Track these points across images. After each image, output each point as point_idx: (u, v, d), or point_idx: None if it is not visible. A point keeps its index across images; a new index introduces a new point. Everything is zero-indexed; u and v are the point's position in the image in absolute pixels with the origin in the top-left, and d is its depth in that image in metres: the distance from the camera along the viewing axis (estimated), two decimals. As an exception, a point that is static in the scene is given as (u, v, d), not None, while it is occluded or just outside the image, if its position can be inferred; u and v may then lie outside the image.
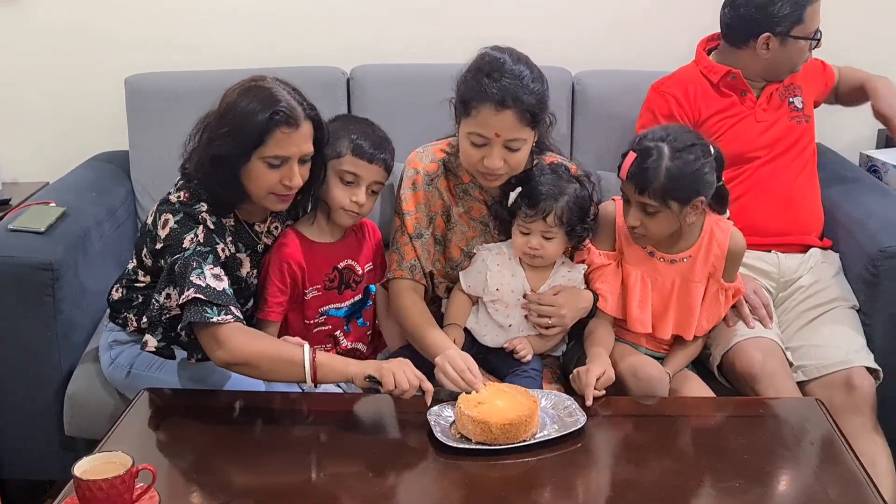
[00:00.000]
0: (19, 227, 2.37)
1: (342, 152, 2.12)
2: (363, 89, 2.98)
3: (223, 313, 1.91)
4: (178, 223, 1.98)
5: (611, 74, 3.03)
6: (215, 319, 1.90)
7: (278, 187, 2.00)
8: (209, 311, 1.90)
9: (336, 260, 2.22)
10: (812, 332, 2.42)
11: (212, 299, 1.91)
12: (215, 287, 1.92)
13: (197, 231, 1.97)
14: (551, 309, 2.17)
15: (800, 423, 1.97)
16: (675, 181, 2.07)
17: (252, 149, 1.96)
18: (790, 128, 2.65)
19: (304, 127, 1.99)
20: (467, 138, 2.10)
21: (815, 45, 2.60)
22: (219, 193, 2.02)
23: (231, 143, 1.96)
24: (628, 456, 1.84)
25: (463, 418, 1.81)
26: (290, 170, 1.99)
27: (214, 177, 1.99)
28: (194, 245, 1.95)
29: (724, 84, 2.65)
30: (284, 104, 1.96)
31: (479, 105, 2.05)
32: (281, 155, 1.97)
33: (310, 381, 1.92)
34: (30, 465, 2.44)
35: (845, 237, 2.62)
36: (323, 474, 1.79)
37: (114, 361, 2.20)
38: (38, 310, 2.30)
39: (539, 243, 2.14)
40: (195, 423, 1.91)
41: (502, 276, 2.19)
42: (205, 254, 1.95)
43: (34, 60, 3.11)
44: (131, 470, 1.57)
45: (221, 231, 2.04)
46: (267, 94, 1.97)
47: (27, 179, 3.17)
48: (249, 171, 1.99)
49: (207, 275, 1.93)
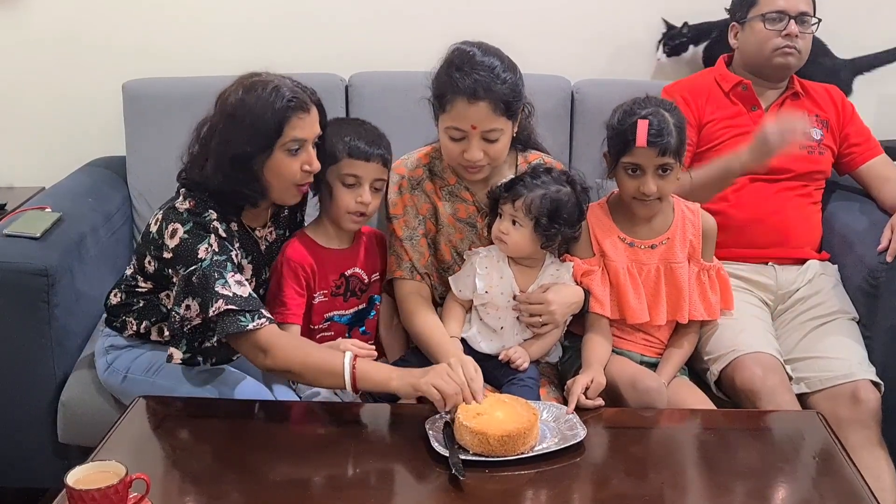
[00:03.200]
0: (15, 232, 2.36)
1: (339, 156, 2.13)
2: (361, 96, 2.98)
3: (256, 318, 1.93)
4: (188, 233, 1.97)
5: (610, 83, 3.03)
6: (251, 326, 1.92)
7: (300, 175, 2.03)
8: (243, 319, 1.92)
9: (344, 267, 2.23)
10: (813, 343, 2.40)
11: (242, 307, 1.92)
12: (241, 294, 1.94)
13: (210, 241, 1.96)
14: (541, 307, 2.17)
15: (800, 436, 1.96)
16: (682, 134, 2.18)
17: (274, 140, 1.98)
18: (799, 157, 2.62)
19: (313, 110, 2.03)
20: (446, 133, 2.14)
21: (777, 27, 2.57)
22: (238, 192, 2.02)
23: (251, 139, 1.97)
24: (627, 469, 1.83)
25: (461, 429, 1.79)
26: (309, 154, 2.03)
27: (236, 178, 1.99)
28: (210, 255, 1.95)
29: (734, 94, 2.65)
30: (292, 91, 1.99)
31: (452, 99, 2.09)
32: (299, 138, 1.99)
33: (350, 390, 1.93)
34: (23, 473, 2.42)
35: (844, 249, 2.61)
36: (320, 484, 1.77)
37: (110, 366, 2.19)
38: (33, 316, 2.28)
39: (506, 228, 2.16)
40: (190, 431, 1.90)
41: (490, 277, 2.20)
42: (223, 262, 1.96)
43: (31, 65, 3.10)
44: (125, 479, 1.55)
45: (231, 238, 2.03)
46: (273, 86, 1.99)
47: (23, 184, 3.16)
48: (273, 164, 2.00)
49: (231, 283, 1.94)
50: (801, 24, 2.58)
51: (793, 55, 2.59)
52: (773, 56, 2.60)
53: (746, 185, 2.60)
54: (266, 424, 1.97)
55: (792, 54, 2.59)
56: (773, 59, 2.60)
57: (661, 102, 2.23)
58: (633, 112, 2.18)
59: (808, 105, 2.69)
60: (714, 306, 2.31)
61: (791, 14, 2.57)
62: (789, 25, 2.56)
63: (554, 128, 2.94)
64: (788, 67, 2.62)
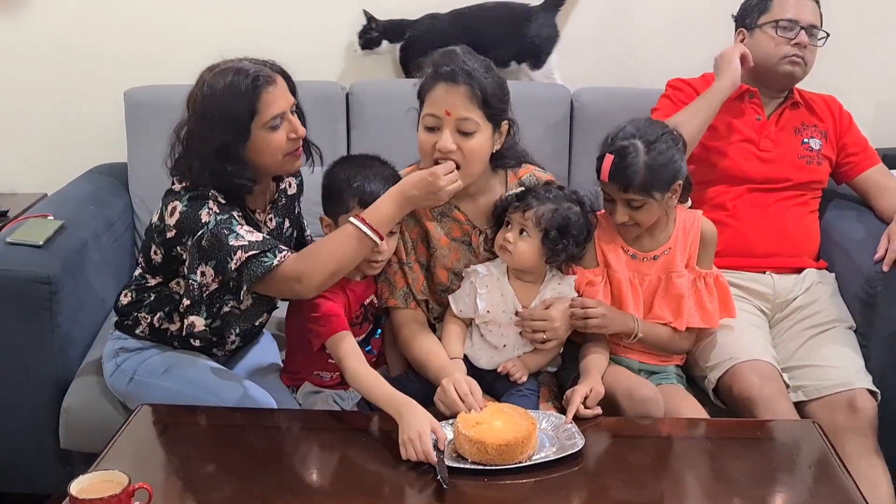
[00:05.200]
0: (17, 240, 2.37)
1: (350, 206, 2.07)
2: (361, 104, 2.99)
3: (277, 252, 1.95)
4: (186, 205, 1.99)
5: (609, 92, 3.04)
6: (276, 262, 1.94)
7: (287, 144, 2.03)
8: (266, 258, 1.94)
9: (365, 297, 2.20)
10: (811, 351, 2.41)
11: (261, 248, 1.94)
12: (255, 239, 1.96)
13: (209, 205, 1.99)
14: (544, 323, 2.17)
15: (796, 445, 1.97)
16: (654, 173, 2.14)
17: (249, 121, 1.98)
18: (797, 166, 2.64)
19: (279, 81, 2.03)
20: (422, 125, 2.11)
21: (788, 34, 2.58)
22: (235, 185, 2.02)
23: (227, 126, 1.97)
24: (625, 478, 1.84)
25: (460, 438, 1.80)
26: (291, 123, 2.03)
27: (225, 169, 1.99)
28: (213, 217, 1.97)
29: (740, 100, 2.66)
30: (254, 69, 2.00)
31: (432, 85, 2.08)
32: (276, 113, 2.00)
33: (377, 239, 1.97)
34: (26, 479, 2.43)
35: (842, 257, 2.62)
36: (320, 492, 1.79)
37: (118, 368, 2.19)
38: (36, 323, 2.29)
39: (513, 237, 2.14)
40: (193, 440, 1.91)
41: (492, 296, 2.19)
42: (227, 220, 1.97)
43: (34, 73, 3.12)
44: (128, 489, 1.56)
45: (231, 211, 2.03)
46: (233, 71, 2.00)
47: (25, 191, 3.17)
48: (256, 144, 2.01)
49: (242, 233, 1.96)
50: (809, 35, 2.59)
51: (799, 65, 2.60)
52: (781, 63, 2.60)
53: (744, 194, 2.61)
54: (267, 433, 1.98)
55: (799, 64, 2.59)
56: (781, 67, 2.61)
57: (647, 132, 2.18)
58: (611, 141, 2.19)
59: (807, 115, 2.70)
60: (712, 314, 2.31)
61: (802, 24, 2.58)
62: (800, 35, 2.57)
63: (553, 136, 2.96)
64: (793, 77, 2.63)
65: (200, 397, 2.08)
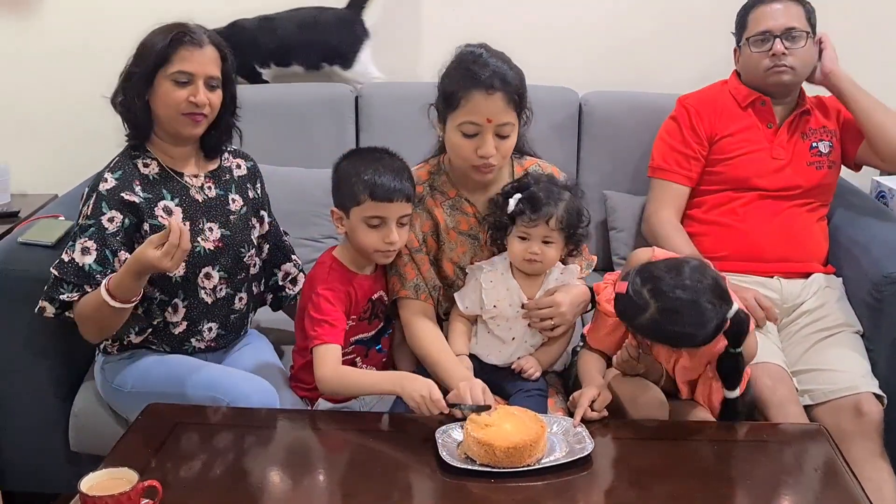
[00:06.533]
0: (30, 240, 2.38)
1: (360, 199, 2.08)
2: (371, 107, 3.01)
3: (73, 291, 2.06)
4: (85, 195, 2.13)
5: (617, 95, 3.05)
6: (64, 297, 2.06)
7: (185, 105, 2.09)
8: (62, 287, 2.07)
9: (372, 292, 2.21)
10: (818, 356, 2.42)
11: (65, 275, 2.06)
12: (77, 262, 2.06)
13: (89, 203, 2.10)
14: (551, 310, 2.18)
15: (804, 449, 1.97)
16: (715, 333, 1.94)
17: (157, 68, 2.09)
18: (807, 172, 2.65)
19: (207, 49, 2.12)
20: (458, 130, 2.12)
21: (763, 48, 2.59)
22: (130, 117, 2.15)
23: (140, 64, 2.10)
24: (632, 481, 1.84)
25: (469, 440, 1.80)
26: (196, 87, 2.10)
27: (125, 99, 2.13)
28: (83, 219, 2.09)
29: (752, 109, 2.68)
30: (190, 28, 2.11)
31: (467, 93, 2.08)
32: (185, 71, 2.09)
33: (113, 302, 2.00)
34: (35, 479, 2.45)
35: (849, 262, 2.62)
36: (329, 491, 1.79)
37: (109, 383, 2.22)
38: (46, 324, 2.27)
39: (539, 248, 2.15)
40: (200, 439, 1.91)
41: (497, 291, 2.20)
42: (86, 227, 2.08)
43: (45, 74, 3.14)
44: (137, 486, 1.57)
45: (127, 183, 2.12)
46: (174, 24, 2.11)
47: (36, 191, 3.19)
48: (157, 92, 2.10)
49: (77, 249, 2.07)
50: (789, 40, 2.58)
51: (785, 73, 2.60)
52: (767, 76, 2.62)
53: (754, 200, 2.62)
54: (275, 432, 1.99)
55: (784, 72, 2.60)
56: (767, 79, 2.62)
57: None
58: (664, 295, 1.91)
59: (815, 118, 2.70)
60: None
61: (776, 33, 2.58)
62: (774, 45, 2.58)
63: (562, 139, 2.97)
64: (784, 84, 2.63)
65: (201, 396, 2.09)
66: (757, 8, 2.64)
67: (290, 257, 2.44)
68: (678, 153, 2.69)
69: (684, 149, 2.68)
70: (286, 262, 2.44)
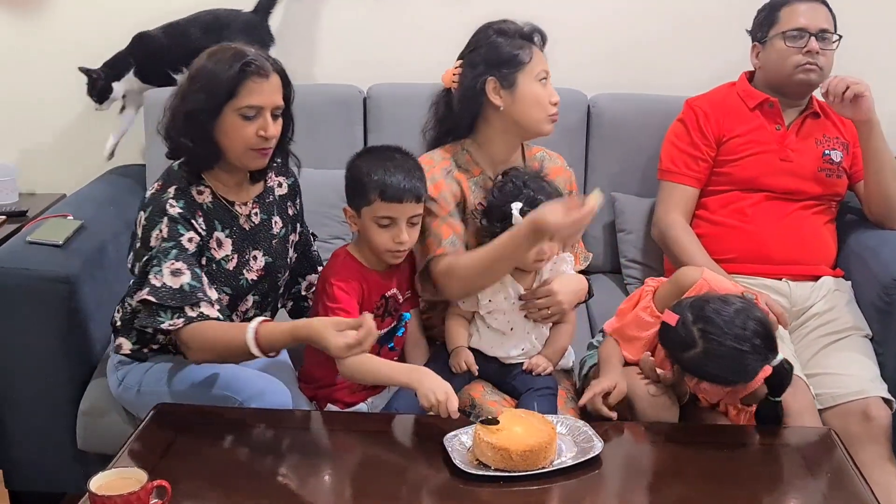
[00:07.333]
0: (38, 239, 2.39)
1: (371, 198, 2.08)
2: (379, 107, 3.01)
3: (176, 317, 1.95)
4: (147, 220, 2.02)
5: (626, 97, 3.05)
6: (165, 326, 1.95)
7: (255, 140, 2.02)
8: (161, 315, 1.96)
9: (385, 289, 2.20)
10: (826, 360, 2.41)
11: (164, 300, 1.95)
12: (171, 285, 1.96)
13: (161, 226, 2.00)
14: (548, 299, 2.19)
15: (814, 453, 1.96)
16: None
17: (225, 101, 1.98)
18: (818, 179, 2.64)
19: (273, 78, 2.03)
20: (537, 79, 2.28)
21: (797, 44, 2.59)
22: (193, 152, 2.04)
23: (203, 98, 1.98)
24: (644, 483, 1.84)
25: (482, 445, 1.78)
26: (265, 120, 2.02)
27: (187, 132, 2.02)
28: (158, 242, 1.99)
29: (760, 111, 2.67)
30: (253, 56, 2.00)
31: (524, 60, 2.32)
32: (255, 105, 2.00)
33: (260, 354, 1.93)
34: (43, 478, 2.45)
35: (858, 265, 2.62)
36: (337, 494, 1.79)
37: (122, 382, 2.20)
38: (55, 322, 2.31)
39: (549, 247, 2.15)
40: (209, 439, 1.91)
41: (492, 287, 2.20)
42: (167, 250, 1.98)
43: (53, 74, 3.14)
44: (146, 486, 1.57)
45: (191, 212, 2.03)
46: (235, 51, 2.01)
47: (44, 191, 3.20)
48: (224, 125, 2.01)
49: (165, 273, 1.96)
50: (821, 41, 2.59)
51: (814, 72, 2.59)
52: (795, 73, 2.60)
53: (762, 201, 2.62)
54: (285, 433, 1.98)
55: (813, 70, 2.59)
56: (795, 76, 2.61)
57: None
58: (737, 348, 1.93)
59: (829, 126, 2.70)
60: None
61: (811, 31, 2.58)
62: (810, 42, 2.57)
63: (570, 141, 2.97)
64: (810, 84, 2.62)
65: (214, 395, 2.08)
66: (791, 4, 2.63)
67: (315, 269, 2.40)
68: (686, 155, 2.69)
69: (692, 150, 2.68)
70: (311, 273, 2.39)
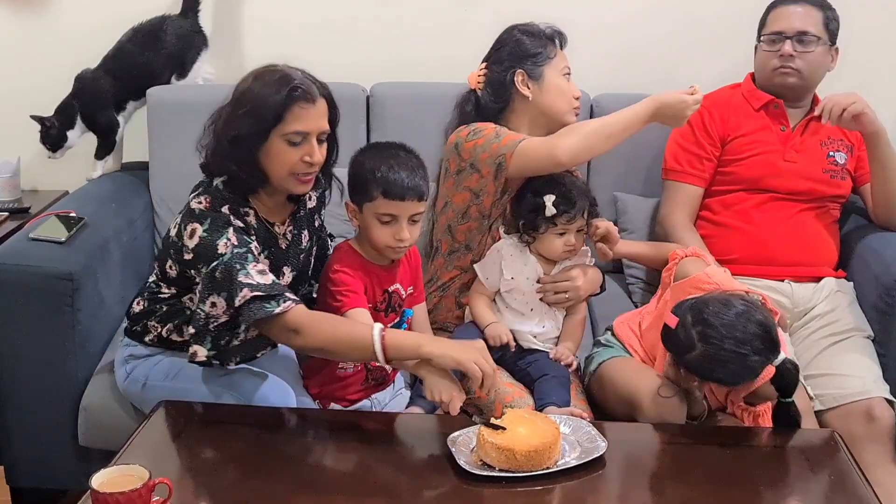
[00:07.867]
0: (40, 236, 2.38)
1: (373, 195, 2.08)
2: (382, 106, 3.00)
3: (282, 301, 1.94)
4: (206, 231, 1.98)
5: (629, 98, 3.01)
6: (278, 310, 1.93)
7: (299, 166, 2.01)
8: (269, 305, 1.93)
9: (388, 283, 2.20)
10: (829, 360, 2.41)
11: (267, 292, 1.93)
12: (264, 282, 1.95)
13: (228, 234, 1.97)
14: (566, 284, 2.30)
15: (817, 454, 1.96)
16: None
17: (272, 127, 1.97)
18: (822, 180, 2.65)
19: (319, 103, 2.02)
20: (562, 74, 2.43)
21: (773, 47, 2.61)
22: (237, 176, 2.03)
23: (250, 122, 1.97)
24: (648, 483, 1.85)
25: (486, 445, 1.77)
26: (311, 146, 2.01)
27: (233, 157, 2.00)
28: (230, 249, 1.96)
29: (765, 111, 2.67)
30: (300, 81, 1.99)
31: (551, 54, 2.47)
32: (301, 131, 1.99)
33: (383, 362, 1.93)
34: (44, 474, 2.44)
35: (860, 266, 2.62)
36: (338, 491, 1.78)
37: (129, 375, 2.20)
38: (57, 319, 2.31)
39: (576, 238, 2.28)
40: (212, 437, 1.91)
41: (515, 265, 2.30)
42: (243, 254, 1.97)
43: (56, 70, 3.12)
44: (148, 484, 1.57)
45: (247, 230, 2.04)
46: (281, 75, 2.00)
47: (47, 188, 3.19)
48: (269, 151, 2.00)
49: (252, 273, 1.95)
50: (800, 43, 2.59)
51: (790, 75, 2.61)
52: (773, 76, 2.63)
53: (766, 201, 2.62)
54: (288, 432, 1.99)
55: (789, 74, 2.61)
56: (773, 79, 2.64)
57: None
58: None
59: (834, 128, 2.69)
60: None
61: (788, 34, 2.59)
62: (784, 45, 2.59)
63: (573, 141, 2.96)
64: (787, 87, 2.63)
65: (216, 395, 2.08)
66: (777, 8, 2.66)
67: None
68: (691, 154, 2.69)
69: (697, 150, 2.68)
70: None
